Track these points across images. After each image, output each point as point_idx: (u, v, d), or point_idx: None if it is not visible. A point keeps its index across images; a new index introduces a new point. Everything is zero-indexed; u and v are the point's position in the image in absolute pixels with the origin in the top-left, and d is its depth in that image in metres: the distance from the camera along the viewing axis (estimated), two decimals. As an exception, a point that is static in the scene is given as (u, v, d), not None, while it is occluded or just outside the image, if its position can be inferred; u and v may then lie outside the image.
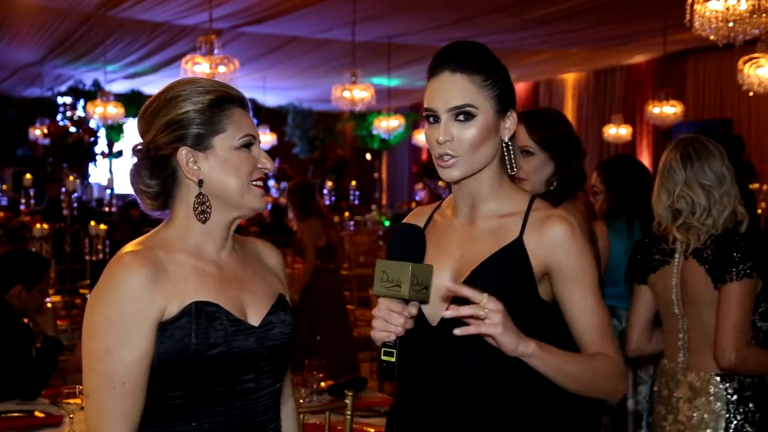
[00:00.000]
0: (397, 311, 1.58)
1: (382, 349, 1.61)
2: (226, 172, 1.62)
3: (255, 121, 1.72)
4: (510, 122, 1.73)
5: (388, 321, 1.59)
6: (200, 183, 1.62)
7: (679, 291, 2.58)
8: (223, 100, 1.63)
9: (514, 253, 1.70)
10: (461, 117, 1.69)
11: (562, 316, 1.74)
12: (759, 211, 7.38)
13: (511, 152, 1.74)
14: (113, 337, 1.52)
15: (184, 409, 1.58)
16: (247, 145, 1.64)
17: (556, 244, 1.68)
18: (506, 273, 1.69)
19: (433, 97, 1.71)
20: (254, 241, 1.85)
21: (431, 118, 1.73)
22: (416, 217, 1.91)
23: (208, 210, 1.62)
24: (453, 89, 1.69)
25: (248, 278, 1.70)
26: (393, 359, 1.60)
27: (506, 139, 1.73)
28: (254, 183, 1.65)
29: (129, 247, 1.62)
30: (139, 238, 1.66)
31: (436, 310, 1.71)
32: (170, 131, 1.61)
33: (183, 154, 1.61)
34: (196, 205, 1.62)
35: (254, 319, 1.66)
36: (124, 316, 1.52)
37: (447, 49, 1.73)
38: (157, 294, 1.54)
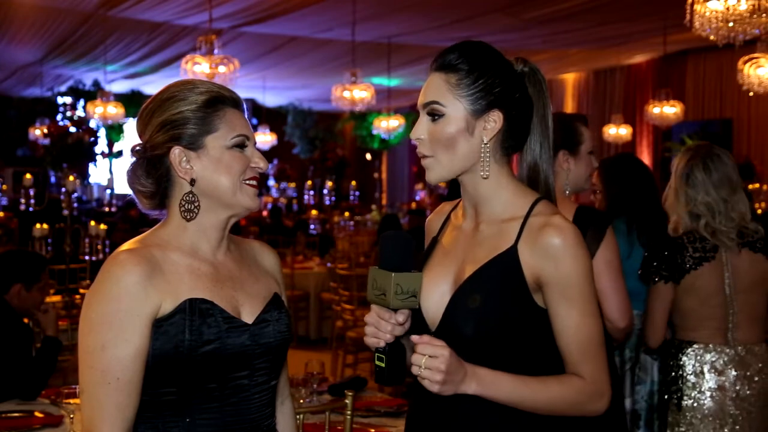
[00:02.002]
0: (385, 319, 1.60)
1: (375, 354, 1.64)
2: (218, 171, 1.64)
3: (254, 121, 1.73)
4: (492, 123, 1.69)
5: (377, 328, 1.61)
6: (192, 182, 1.64)
7: (732, 280, 2.96)
8: (216, 101, 1.65)
9: (508, 261, 1.68)
10: (432, 116, 1.70)
11: None
12: (759, 211, 7.39)
13: (488, 155, 1.70)
14: (108, 333, 1.54)
15: (178, 405, 1.59)
16: (240, 145, 1.66)
17: (546, 255, 1.65)
18: (499, 281, 1.67)
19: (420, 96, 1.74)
20: (251, 242, 1.87)
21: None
22: (437, 216, 1.91)
23: (195, 210, 1.65)
24: (428, 87, 1.71)
25: (243, 278, 1.72)
26: (383, 364, 1.62)
27: (486, 140, 1.69)
28: (247, 182, 1.66)
29: (125, 245, 1.64)
30: (136, 237, 1.68)
31: (436, 314, 1.72)
32: (165, 131, 1.64)
33: (176, 153, 1.64)
34: (183, 203, 1.64)
35: (248, 317, 1.67)
36: (119, 313, 1.54)
37: (443, 49, 1.73)
38: (151, 291, 1.56)
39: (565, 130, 2.94)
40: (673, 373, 3.02)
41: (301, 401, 3.03)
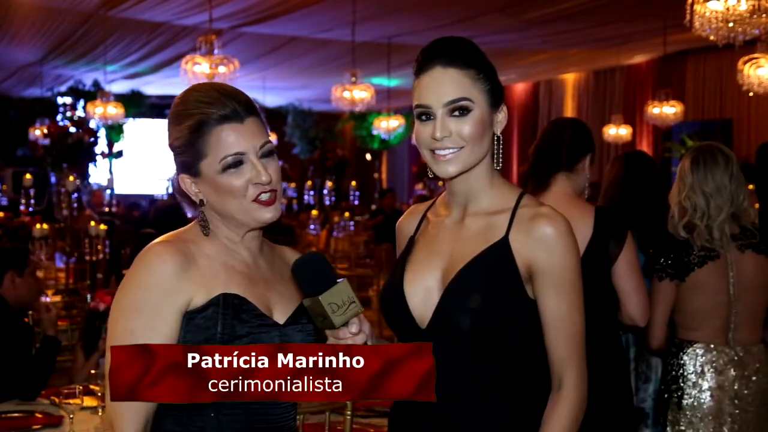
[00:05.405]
0: (341, 338, 1.58)
1: None
2: (221, 196, 1.64)
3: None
4: (502, 116, 1.73)
5: None
6: (201, 203, 1.66)
7: (736, 280, 2.97)
8: (201, 124, 1.62)
9: (500, 252, 1.68)
10: (457, 112, 1.67)
11: None
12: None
13: (501, 147, 1.74)
14: (137, 320, 1.56)
15: None
16: (234, 165, 1.62)
17: (539, 244, 1.66)
18: (491, 272, 1.68)
19: (425, 94, 1.68)
20: (283, 248, 1.88)
21: (423, 116, 1.70)
22: (410, 217, 1.91)
23: (207, 227, 1.67)
24: (448, 84, 1.67)
25: (276, 280, 1.73)
26: None
27: (498, 133, 1.73)
28: (254, 201, 1.64)
29: (162, 238, 1.66)
30: (174, 231, 1.70)
31: (425, 312, 1.72)
32: (173, 155, 1.67)
33: (182, 178, 1.67)
34: (199, 220, 1.68)
35: (280, 318, 1.68)
36: (151, 302, 1.56)
37: (436, 44, 1.71)
38: (185, 283, 1.58)
39: (590, 136, 3.08)
40: (674, 372, 3.05)
41: (301, 401, 3.03)
